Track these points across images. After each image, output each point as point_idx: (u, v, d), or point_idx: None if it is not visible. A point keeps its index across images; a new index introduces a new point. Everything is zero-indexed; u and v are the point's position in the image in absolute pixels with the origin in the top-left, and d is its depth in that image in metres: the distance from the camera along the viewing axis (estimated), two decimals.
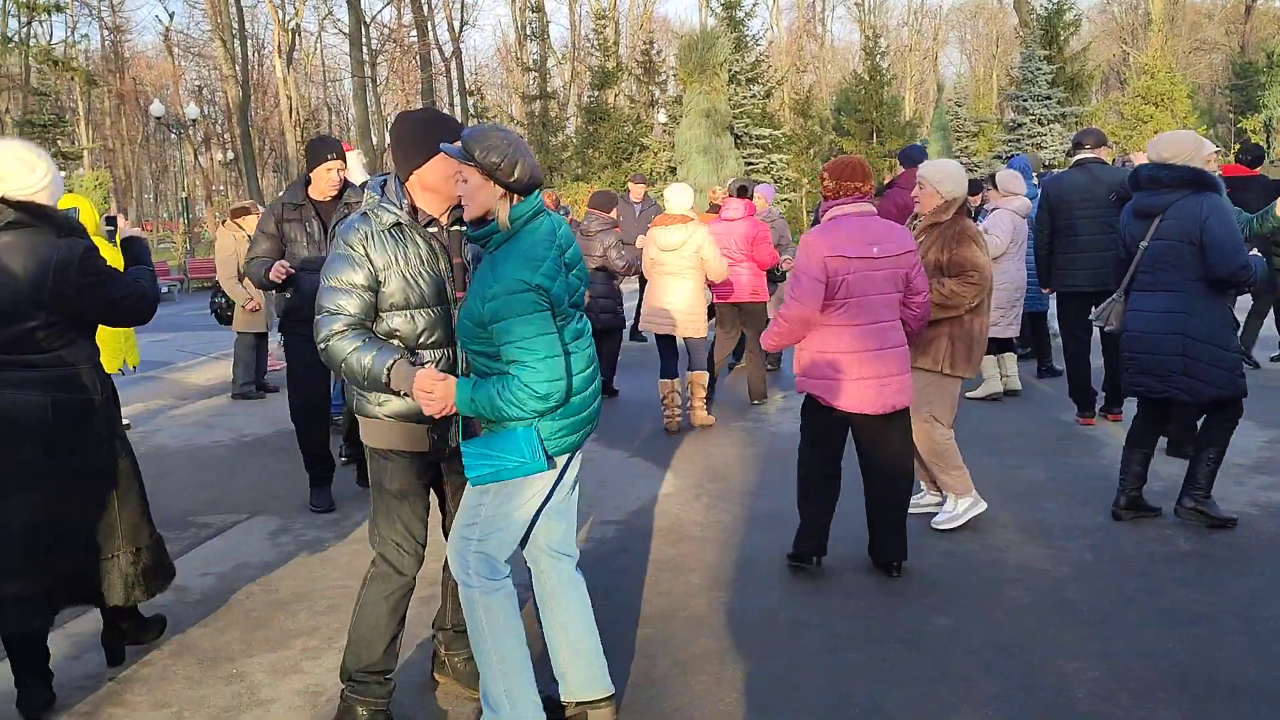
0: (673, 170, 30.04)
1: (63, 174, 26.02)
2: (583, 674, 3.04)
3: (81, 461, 3.27)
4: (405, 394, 2.85)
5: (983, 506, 4.90)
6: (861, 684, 3.35)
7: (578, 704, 3.06)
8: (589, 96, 36.70)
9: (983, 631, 3.73)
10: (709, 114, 27.94)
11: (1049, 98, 32.35)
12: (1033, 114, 32.34)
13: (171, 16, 46.56)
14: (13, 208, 3.16)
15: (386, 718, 3.10)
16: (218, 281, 9.12)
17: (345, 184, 5.49)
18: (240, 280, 8.77)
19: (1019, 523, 4.97)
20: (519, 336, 2.67)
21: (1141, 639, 3.63)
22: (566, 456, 2.96)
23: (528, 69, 39.37)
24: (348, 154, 7.35)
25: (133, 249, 3.86)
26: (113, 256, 7.94)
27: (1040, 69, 32.49)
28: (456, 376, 2.86)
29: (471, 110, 40.09)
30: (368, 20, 40.43)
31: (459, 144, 2.77)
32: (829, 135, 39.19)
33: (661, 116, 35.50)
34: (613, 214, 8.08)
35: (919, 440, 4.75)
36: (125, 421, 6.26)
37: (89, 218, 7.99)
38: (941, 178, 4.76)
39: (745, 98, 32.39)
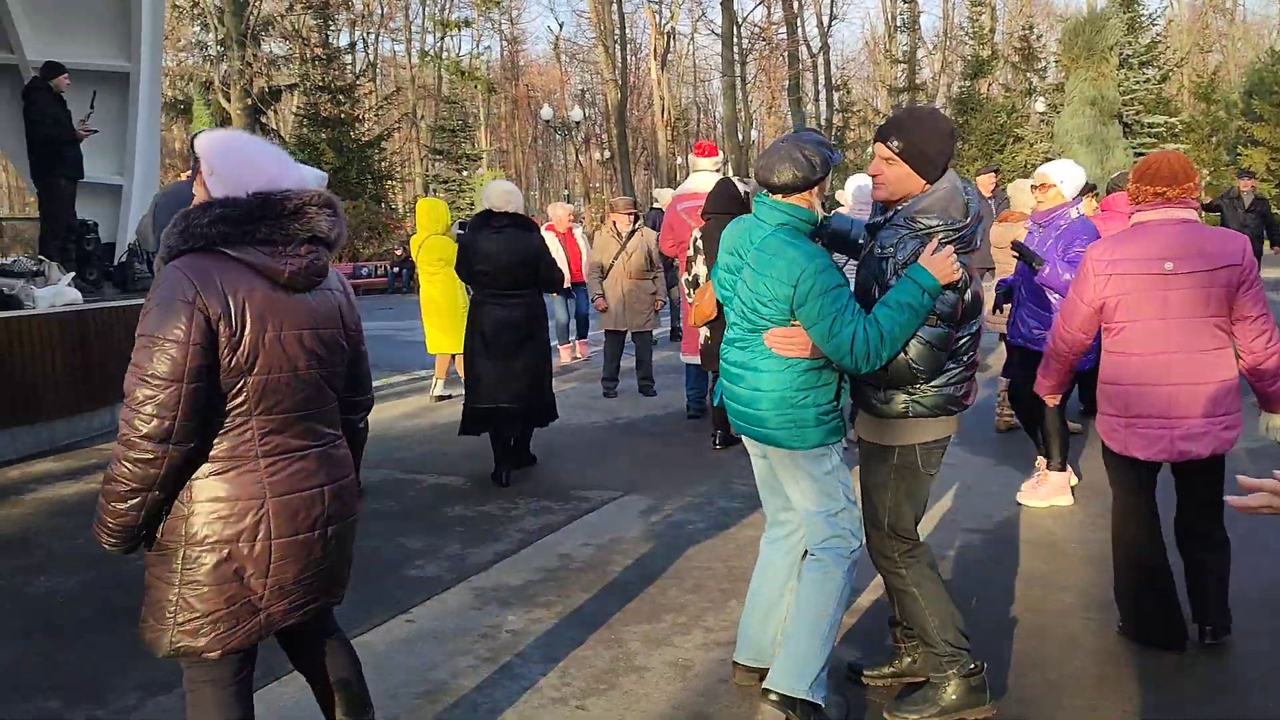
0: (1054, 160, 28.19)
1: (464, 173, 29.12)
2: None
3: (539, 345, 6.22)
4: None
5: None
6: None
7: None
8: (960, 87, 35.31)
9: None
10: (1094, 101, 25.99)
11: None
12: None
13: (561, 26, 50.32)
14: (510, 216, 6.17)
15: (974, 680, 3.17)
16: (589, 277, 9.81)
17: None
18: (603, 278, 9.34)
19: None
20: None
21: None
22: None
23: (896, 61, 38.57)
24: (709, 159, 7.64)
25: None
26: (452, 253, 8.89)
27: None
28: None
29: (837, 105, 39.96)
30: (740, 21, 41.44)
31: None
32: (1237, 121, 35.04)
33: (1039, 105, 33.49)
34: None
35: None
36: None
37: (442, 218, 9.03)
38: None
39: (1137, 83, 29.75)
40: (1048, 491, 5.41)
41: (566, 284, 10.72)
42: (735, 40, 39.78)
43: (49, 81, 9.24)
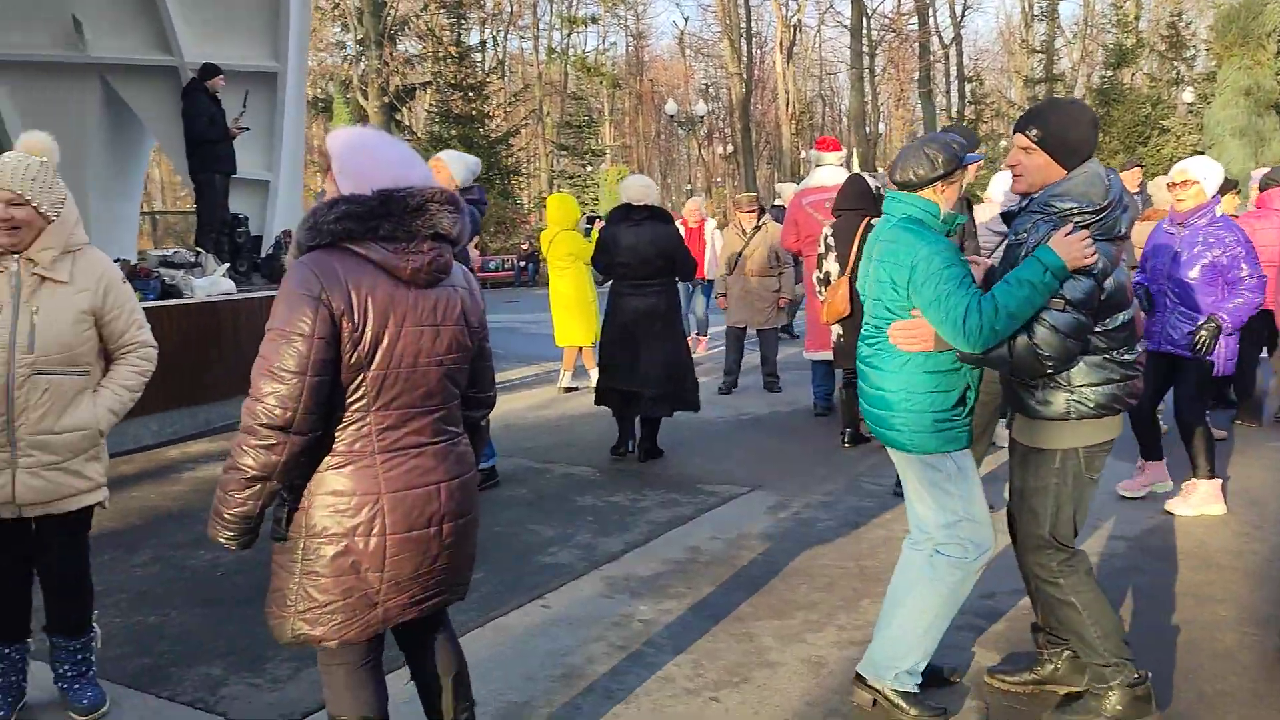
0: (1198, 154, 26.85)
1: (588, 169, 29.55)
2: None
3: (676, 332, 6.53)
4: None
5: None
6: None
7: None
8: (1101, 77, 33.93)
9: None
10: (1249, 91, 24.67)
11: None
12: None
13: (686, 20, 50.35)
14: (648, 208, 6.48)
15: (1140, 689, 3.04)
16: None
17: None
18: (728, 275, 9.30)
19: None
20: None
21: None
22: None
23: (1033, 51, 37.34)
24: (833, 154, 7.58)
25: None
26: (581, 248, 9.07)
27: None
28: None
29: (969, 97, 38.89)
30: (869, 12, 40.73)
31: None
32: None
33: (1187, 95, 31.95)
34: None
35: None
36: None
37: (572, 214, 9.25)
38: None
39: None
40: (1198, 500, 5.19)
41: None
42: (864, 32, 39.12)
43: (205, 82, 9.73)
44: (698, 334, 12.01)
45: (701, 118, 43.18)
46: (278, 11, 12.06)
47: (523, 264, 28.81)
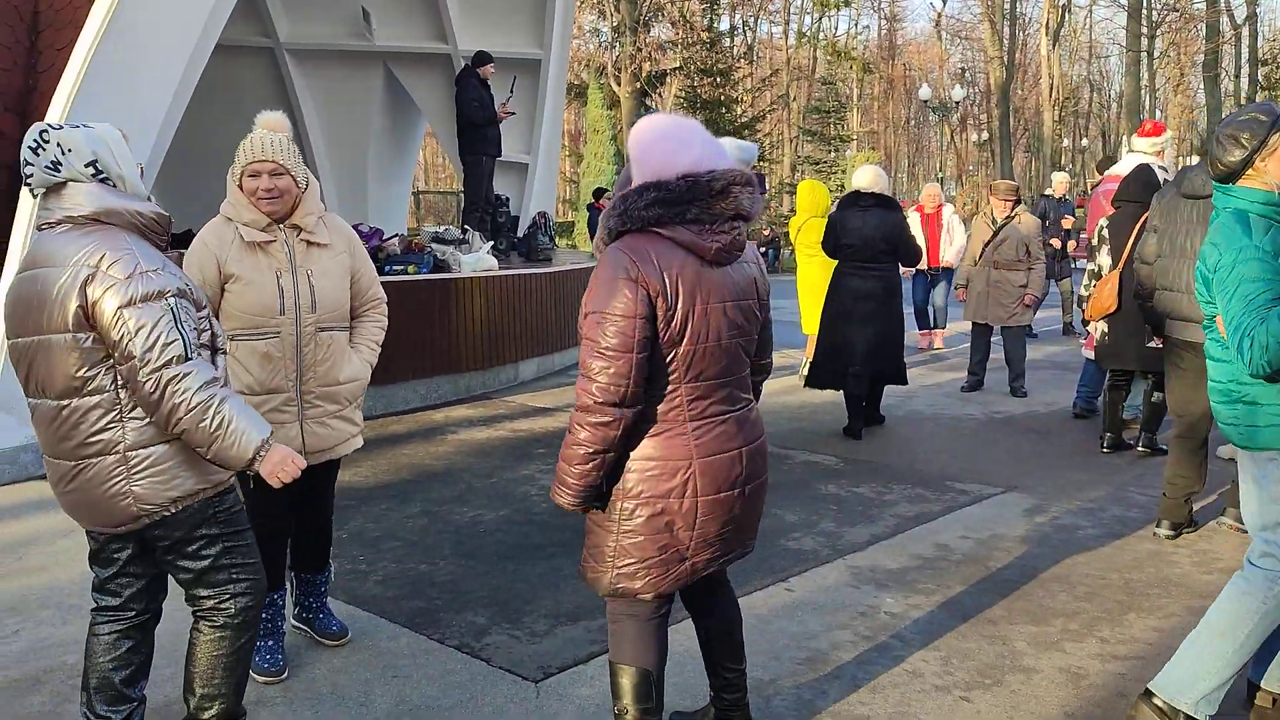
0: None
1: (834, 155, 29.12)
2: None
3: (893, 314, 6.90)
4: None
5: None
6: None
7: None
8: None
9: None
10: None
11: None
12: None
13: (944, 2, 48.38)
14: (875, 195, 6.85)
15: None
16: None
17: None
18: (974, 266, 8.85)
19: None
20: None
21: None
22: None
23: None
24: (1146, 140, 7.03)
25: None
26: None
27: None
28: None
29: (1261, 82, 35.39)
30: None
31: None
32: None
33: None
34: None
35: None
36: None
37: (822, 201, 9.09)
38: None
39: None
40: None
41: (922, 266, 10.44)
42: (1144, 12, 36.34)
43: (477, 69, 10.29)
44: (935, 326, 11.62)
45: (957, 103, 41.54)
46: (544, 2, 12.59)
47: (763, 250, 28.76)
